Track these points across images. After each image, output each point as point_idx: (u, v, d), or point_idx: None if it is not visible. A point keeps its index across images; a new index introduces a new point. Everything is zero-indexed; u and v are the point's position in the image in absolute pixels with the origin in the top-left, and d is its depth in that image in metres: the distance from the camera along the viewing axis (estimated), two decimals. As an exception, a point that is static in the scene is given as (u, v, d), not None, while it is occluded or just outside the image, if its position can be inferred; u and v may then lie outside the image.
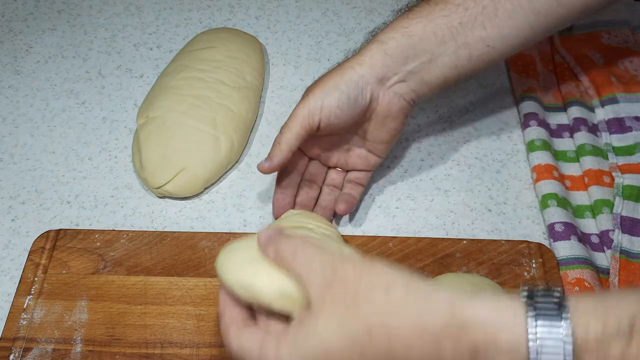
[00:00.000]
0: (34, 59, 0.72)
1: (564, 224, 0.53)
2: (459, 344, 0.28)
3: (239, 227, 0.57)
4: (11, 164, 0.62)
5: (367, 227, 0.56)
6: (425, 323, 0.28)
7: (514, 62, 0.66)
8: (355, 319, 0.29)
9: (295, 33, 0.73)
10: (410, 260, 0.52)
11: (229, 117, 0.60)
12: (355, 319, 0.29)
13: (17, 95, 0.68)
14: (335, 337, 0.30)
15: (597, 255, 0.53)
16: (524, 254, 0.52)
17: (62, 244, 0.54)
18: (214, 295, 0.51)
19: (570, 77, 0.65)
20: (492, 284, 0.47)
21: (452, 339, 0.28)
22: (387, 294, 0.29)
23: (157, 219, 0.58)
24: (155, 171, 0.57)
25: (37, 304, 0.51)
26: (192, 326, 0.49)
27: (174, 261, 0.53)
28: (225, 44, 0.66)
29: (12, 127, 0.65)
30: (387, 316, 0.29)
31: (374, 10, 0.75)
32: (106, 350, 0.48)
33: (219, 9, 0.76)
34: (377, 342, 0.29)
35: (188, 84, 0.61)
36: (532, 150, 0.58)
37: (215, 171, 0.59)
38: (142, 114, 0.61)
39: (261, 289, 0.34)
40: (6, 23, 0.76)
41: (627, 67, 0.65)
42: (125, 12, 0.76)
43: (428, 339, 0.28)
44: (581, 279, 0.50)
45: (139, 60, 0.71)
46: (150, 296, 0.51)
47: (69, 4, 0.78)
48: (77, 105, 0.67)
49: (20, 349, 0.48)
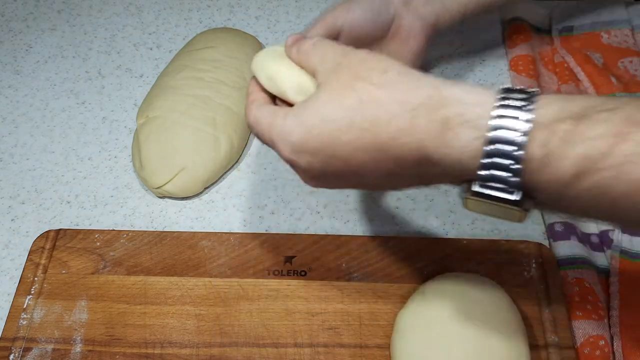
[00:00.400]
0: (33, 59, 0.72)
1: (564, 224, 0.53)
2: (432, 114, 0.32)
3: (238, 227, 0.57)
4: (11, 163, 0.62)
5: (367, 227, 0.56)
6: (409, 97, 0.32)
7: (514, 62, 0.66)
8: (351, 92, 0.33)
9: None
10: (410, 260, 0.52)
11: (228, 117, 0.60)
12: (351, 93, 0.33)
13: (17, 95, 0.68)
14: (330, 107, 0.34)
15: (597, 255, 0.53)
16: (524, 254, 0.52)
17: (62, 243, 0.54)
18: (213, 295, 0.51)
19: (570, 77, 0.65)
20: (492, 284, 0.47)
21: (428, 110, 0.32)
22: (382, 74, 0.33)
23: (157, 218, 0.58)
24: (155, 171, 0.57)
25: (37, 303, 0.51)
26: (191, 326, 0.49)
27: (174, 261, 0.53)
28: (225, 44, 0.66)
29: (12, 127, 0.65)
30: (377, 90, 0.33)
31: (374, 10, 0.75)
32: (106, 350, 0.48)
33: (219, 9, 0.76)
34: (365, 112, 0.33)
35: (188, 83, 0.61)
36: (532, 150, 0.58)
37: (215, 171, 0.59)
38: (142, 114, 0.61)
39: (282, 79, 0.40)
40: (6, 23, 0.76)
41: (627, 67, 0.65)
42: (125, 12, 0.76)
43: (407, 108, 0.32)
44: (581, 279, 0.50)
45: (138, 60, 0.71)
46: (150, 296, 0.51)
47: (69, 4, 0.78)
48: (77, 105, 0.67)
49: (20, 348, 0.48)
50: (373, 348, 0.48)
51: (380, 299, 0.50)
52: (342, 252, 0.53)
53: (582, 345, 0.47)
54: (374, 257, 0.52)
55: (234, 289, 0.51)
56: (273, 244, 0.53)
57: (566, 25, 0.69)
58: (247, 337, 0.49)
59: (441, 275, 0.48)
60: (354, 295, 0.50)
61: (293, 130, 0.36)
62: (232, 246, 0.53)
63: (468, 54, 0.69)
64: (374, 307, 0.49)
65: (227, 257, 0.53)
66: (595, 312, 0.48)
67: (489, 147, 0.30)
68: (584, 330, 0.48)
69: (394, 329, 0.46)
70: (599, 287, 0.50)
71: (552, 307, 0.49)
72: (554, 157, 0.29)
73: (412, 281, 0.51)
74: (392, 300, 0.50)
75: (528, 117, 0.30)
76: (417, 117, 0.32)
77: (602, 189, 0.29)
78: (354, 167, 0.35)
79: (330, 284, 0.51)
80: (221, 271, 0.52)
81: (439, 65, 0.68)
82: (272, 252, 0.53)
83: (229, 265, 0.52)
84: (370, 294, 0.50)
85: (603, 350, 0.47)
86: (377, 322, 0.49)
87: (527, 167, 0.30)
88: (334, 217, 0.57)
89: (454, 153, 0.31)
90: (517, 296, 0.49)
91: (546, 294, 0.49)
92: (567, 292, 0.49)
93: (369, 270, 0.51)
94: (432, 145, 0.32)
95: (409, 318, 0.45)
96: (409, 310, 0.46)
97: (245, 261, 0.53)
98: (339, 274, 0.51)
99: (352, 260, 0.52)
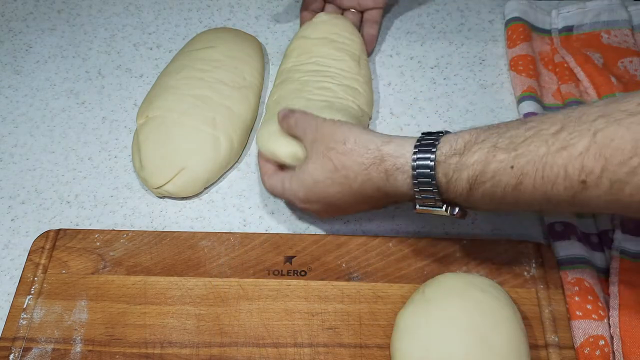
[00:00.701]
0: (33, 59, 0.72)
1: (563, 224, 0.53)
2: (379, 168, 0.46)
3: (238, 227, 0.57)
4: (11, 163, 0.62)
5: (367, 227, 0.56)
6: (363, 159, 0.46)
7: (514, 62, 0.66)
8: (328, 161, 0.48)
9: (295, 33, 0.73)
10: (410, 260, 0.52)
11: (228, 117, 0.60)
12: (328, 161, 0.48)
13: (17, 95, 0.68)
14: (318, 172, 0.48)
15: (597, 255, 0.53)
16: (524, 253, 0.52)
17: (61, 243, 0.54)
18: (213, 295, 0.51)
19: (570, 77, 0.65)
20: (492, 284, 0.47)
21: (376, 166, 0.46)
22: (343, 144, 0.47)
23: (157, 218, 0.58)
24: (155, 171, 0.57)
25: (36, 303, 0.51)
26: (191, 326, 0.49)
27: (174, 261, 0.53)
28: (225, 44, 0.66)
29: (12, 126, 0.65)
30: (343, 157, 0.47)
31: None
32: (106, 350, 0.48)
33: (219, 9, 0.76)
34: (339, 173, 0.47)
35: (188, 83, 0.61)
36: (532, 150, 0.58)
37: (215, 171, 0.59)
38: (142, 114, 0.61)
39: (280, 153, 0.53)
40: (6, 23, 0.76)
41: (627, 67, 0.65)
42: (125, 12, 0.76)
43: (363, 168, 0.46)
44: (581, 279, 0.50)
45: (138, 60, 0.71)
46: (150, 296, 0.51)
47: (69, 4, 0.78)
48: (76, 105, 0.67)
49: (20, 348, 0.48)
50: (373, 348, 0.48)
51: (380, 299, 0.50)
52: (342, 252, 0.53)
53: (582, 345, 0.47)
54: (374, 257, 0.52)
55: (234, 289, 0.51)
56: (273, 244, 0.53)
57: (566, 25, 0.69)
58: (247, 337, 0.49)
59: (441, 275, 0.48)
60: (354, 295, 0.50)
61: (298, 190, 0.50)
62: (232, 246, 0.53)
63: (468, 54, 0.69)
64: (374, 307, 0.49)
65: (227, 257, 0.53)
66: (595, 312, 0.48)
67: (416, 181, 0.44)
68: (583, 330, 0.48)
69: (394, 329, 0.46)
70: (598, 287, 0.50)
71: (552, 307, 0.49)
72: (452, 180, 0.43)
73: (412, 281, 0.51)
74: (392, 300, 0.50)
75: (432, 157, 0.43)
76: (370, 172, 0.46)
77: (488, 194, 0.42)
78: (342, 205, 0.50)
79: (330, 284, 0.51)
80: (221, 271, 0.52)
81: (439, 65, 0.68)
82: (272, 252, 0.53)
83: (229, 265, 0.52)
84: (370, 294, 0.50)
85: (603, 350, 0.47)
86: (377, 322, 0.49)
87: (441, 188, 0.44)
88: (334, 217, 0.57)
89: (398, 187, 0.46)
90: (517, 296, 0.49)
91: (546, 293, 0.49)
92: (567, 292, 0.49)
93: (369, 270, 0.51)
94: (383, 186, 0.46)
95: (409, 318, 0.45)
96: (408, 310, 0.46)
97: (245, 261, 0.53)
98: (339, 274, 0.51)
99: (352, 260, 0.52)
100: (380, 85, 0.67)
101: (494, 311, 0.44)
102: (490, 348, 0.42)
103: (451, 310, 0.44)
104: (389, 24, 0.73)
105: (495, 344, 0.42)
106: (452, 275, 0.48)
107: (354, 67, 0.62)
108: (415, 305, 0.46)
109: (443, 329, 0.44)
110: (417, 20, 0.73)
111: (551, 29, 0.69)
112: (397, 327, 0.46)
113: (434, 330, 0.44)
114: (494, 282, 0.48)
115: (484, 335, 0.43)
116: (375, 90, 0.66)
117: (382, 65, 0.69)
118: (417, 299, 0.46)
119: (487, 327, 0.43)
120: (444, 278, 0.48)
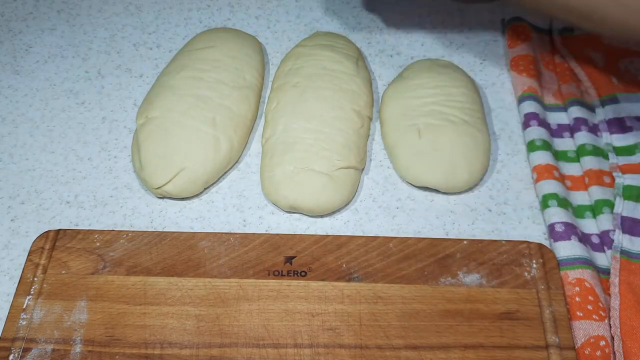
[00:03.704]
0: (33, 59, 0.72)
1: (564, 224, 0.53)
2: None
3: (238, 227, 0.57)
4: (11, 163, 0.62)
5: (367, 227, 0.56)
6: None
7: (514, 62, 0.66)
8: None
9: (295, 33, 0.73)
10: (411, 260, 0.52)
11: (228, 117, 0.60)
12: None
13: (17, 95, 0.68)
14: None
15: (598, 256, 0.53)
16: (525, 254, 0.52)
17: (61, 244, 0.54)
18: (213, 295, 0.51)
19: (570, 77, 0.65)
20: (451, 64, 0.65)
21: None
22: None
23: (157, 219, 0.58)
24: (154, 171, 0.57)
25: (36, 304, 0.51)
26: (191, 327, 0.49)
27: (174, 261, 0.53)
28: (225, 44, 0.66)
29: (11, 127, 0.65)
30: None
31: (375, 10, 0.75)
32: (106, 351, 0.48)
33: (219, 9, 0.76)
34: None
35: (188, 83, 0.61)
36: (533, 150, 0.58)
37: (215, 171, 0.58)
38: (142, 114, 0.61)
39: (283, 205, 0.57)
40: (5, 23, 0.76)
41: (628, 67, 0.65)
42: (125, 12, 0.76)
43: None
44: (581, 279, 0.50)
45: (138, 60, 0.71)
46: (149, 296, 0.51)
47: (69, 4, 0.78)
48: (76, 105, 0.67)
49: (20, 349, 0.48)
50: (373, 348, 0.47)
51: (380, 299, 0.50)
52: (342, 252, 0.53)
53: (582, 345, 0.47)
54: (374, 257, 0.52)
55: (233, 289, 0.51)
56: (273, 244, 0.53)
57: (567, 25, 0.69)
58: (247, 337, 0.49)
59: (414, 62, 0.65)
60: (354, 296, 0.50)
61: None
62: (232, 246, 0.53)
63: (468, 54, 0.69)
64: (374, 307, 0.49)
65: (227, 258, 0.53)
66: (595, 313, 0.48)
67: None
68: (584, 331, 0.47)
69: (381, 103, 0.63)
70: (599, 287, 0.50)
71: (553, 307, 0.49)
72: None
73: (412, 282, 0.50)
74: (392, 300, 0.50)
75: None
76: None
77: None
78: None
79: (330, 285, 0.51)
80: (221, 271, 0.52)
81: (439, 65, 0.68)
82: (272, 252, 0.53)
83: (229, 266, 0.52)
84: (370, 294, 0.50)
85: (604, 351, 0.47)
86: (378, 323, 0.49)
87: None
88: (334, 217, 0.57)
89: None
90: (517, 296, 0.49)
91: (547, 294, 0.49)
92: (568, 292, 0.49)
93: (369, 271, 0.51)
94: None
95: (391, 90, 0.62)
96: (391, 86, 0.63)
97: (245, 261, 0.52)
98: (339, 274, 0.51)
99: (352, 261, 0.52)
100: (380, 86, 0.67)
101: (452, 76, 0.62)
102: (448, 95, 0.60)
103: (420, 79, 0.61)
104: (389, 24, 0.73)
105: (453, 93, 0.60)
106: (421, 60, 0.66)
107: (353, 68, 0.63)
108: (395, 82, 0.63)
109: (417, 89, 0.60)
110: (417, 20, 0.73)
111: (551, 29, 0.69)
112: (383, 99, 0.62)
113: (410, 95, 0.60)
114: (452, 62, 0.65)
115: (446, 90, 0.60)
116: (375, 91, 0.66)
117: (382, 65, 0.69)
118: (396, 79, 0.64)
119: (447, 84, 0.60)
120: (415, 63, 0.65)
